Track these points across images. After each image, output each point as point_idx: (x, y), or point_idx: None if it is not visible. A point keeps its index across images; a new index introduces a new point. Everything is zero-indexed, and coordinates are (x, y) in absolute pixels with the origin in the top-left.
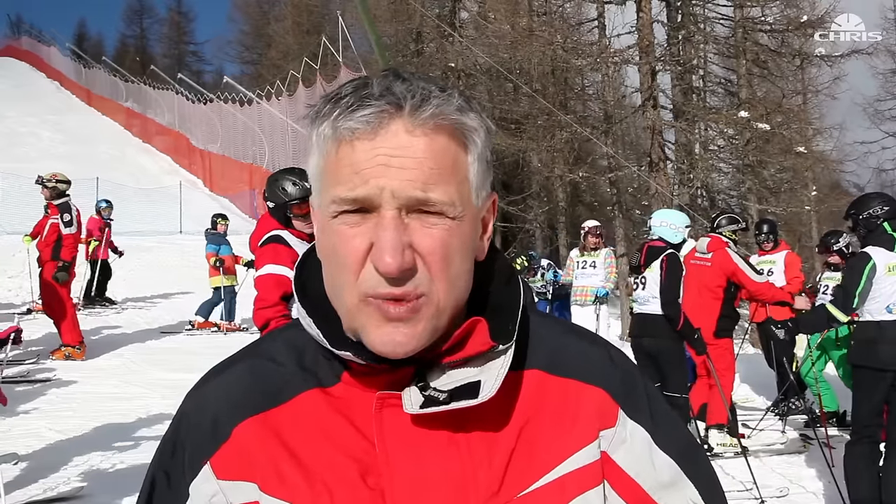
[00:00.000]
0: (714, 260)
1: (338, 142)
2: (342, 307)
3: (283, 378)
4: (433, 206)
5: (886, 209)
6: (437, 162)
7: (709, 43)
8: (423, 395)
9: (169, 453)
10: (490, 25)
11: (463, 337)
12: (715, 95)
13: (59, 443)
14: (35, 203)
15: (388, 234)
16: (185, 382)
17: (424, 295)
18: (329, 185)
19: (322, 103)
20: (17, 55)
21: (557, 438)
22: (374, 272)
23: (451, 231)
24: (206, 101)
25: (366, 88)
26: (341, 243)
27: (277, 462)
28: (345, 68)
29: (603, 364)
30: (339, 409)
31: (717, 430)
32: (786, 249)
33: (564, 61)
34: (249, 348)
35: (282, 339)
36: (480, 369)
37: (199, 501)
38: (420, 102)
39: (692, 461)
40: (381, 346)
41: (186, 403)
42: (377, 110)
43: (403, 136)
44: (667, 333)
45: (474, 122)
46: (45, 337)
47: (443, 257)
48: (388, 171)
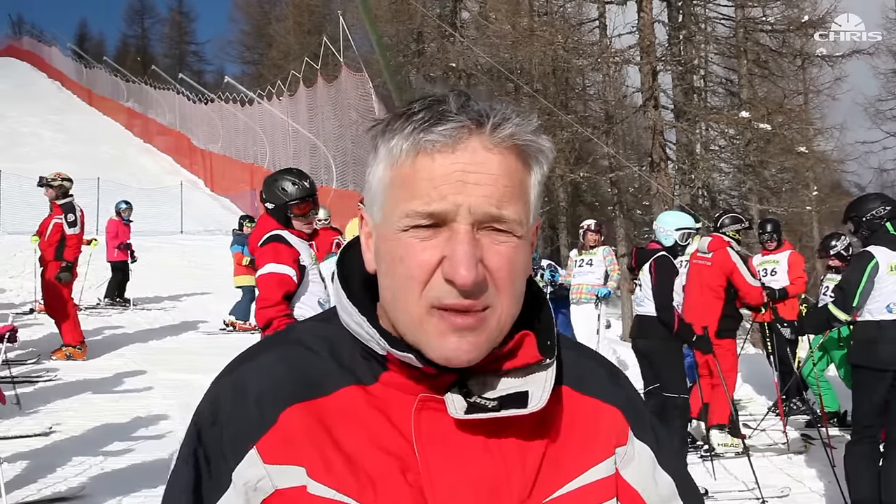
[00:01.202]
0: (714, 259)
1: (416, 154)
2: (403, 315)
3: (322, 370)
4: (504, 223)
5: (888, 209)
6: (510, 180)
7: (710, 43)
8: (468, 401)
9: (206, 439)
10: (491, 25)
11: (514, 348)
12: (716, 95)
13: (59, 443)
14: (36, 203)
15: (463, 247)
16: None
17: (489, 307)
18: (401, 198)
19: (392, 118)
20: (18, 55)
21: (581, 451)
22: (442, 283)
23: (516, 249)
24: (207, 101)
25: (442, 104)
26: (410, 256)
27: (323, 450)
28: (346, 68)
29: (613, 383)
30: (378, 407)
31: (719, 430)
32: (789, 249)
33: (565, 61)
34: (279, 337)
35: (312, 332)
36: (524, 380)
37: (244, 487)
38: (501, 121)
39: (686, 481)
40: (446, 354)
41: (219, 389)
42: (458, 125)
43: (481, 152)
44: (659, 334)
45: (545, 146)
46: (46, 337)
47: (509, 273)
48: (466, 187)
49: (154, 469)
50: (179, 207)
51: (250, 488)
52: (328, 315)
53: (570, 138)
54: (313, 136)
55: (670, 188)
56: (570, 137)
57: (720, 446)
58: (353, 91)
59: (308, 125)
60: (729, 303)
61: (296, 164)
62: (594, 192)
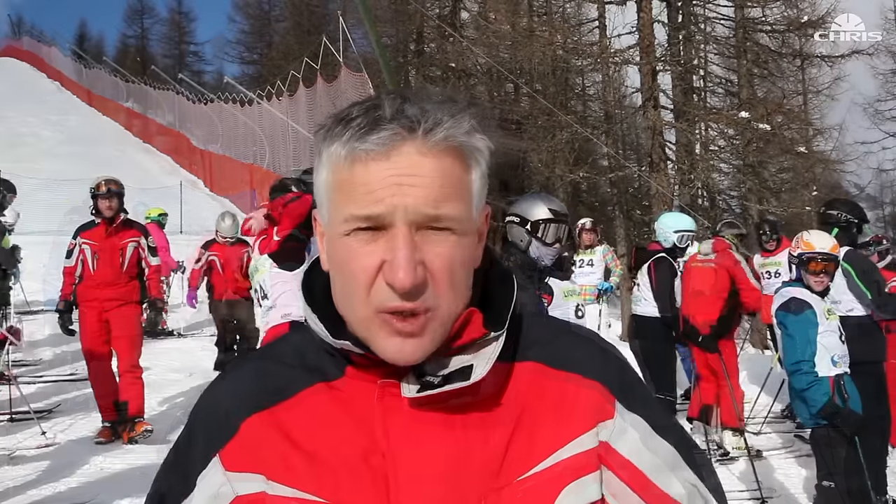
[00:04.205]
0: (718, 260)
1: (352, 162)
2: (351, 316)
3: (288, 376)
4: (443, 222)
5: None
6: (446, 181)
7: (709, 43)
8: (420, 381)
9: (184, 447)
10: (490, 26)
11: (460, 328)
12: (715, 96)
13: (59, 443)
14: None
15: (402, 251)
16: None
17: (431, 310)
18: (341, 202)
19: (333, 122)
20: (18, 55)
21: (556, 427)
22: (384, 287)
23: (457, 246)
24: (206, 101)
25: (377, 110)
26: (353, 260)
27: (283, 453)
28: (345, 68)
29: (598, 358)
30: (342, 399)
31: (733, 432)
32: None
33: (565, 61)
34: (261, 350)
35: (291, 342)
36: (474, 356)
37: (207, 492)
38: (433, 126)
39: (688, 447)
40: (391, 356)
41: (201, 400)
42: (391, 133)
43: (415, 157)
44: (653, 334)
45: (480, 144)
46: (49, 338)
47: (450, 273)
48: (402, 189)
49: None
50: (179, 207)
51: (213, 493)
52: (305, 325)
53: (570, 138)
54: (313, 136)
55: (670, 188)
56: (570, 137)
57: (734, 450)
58: (352, 91)
59: (308, 125)
60: (728, 304)
61: (295, 164)
62: (594, 192)
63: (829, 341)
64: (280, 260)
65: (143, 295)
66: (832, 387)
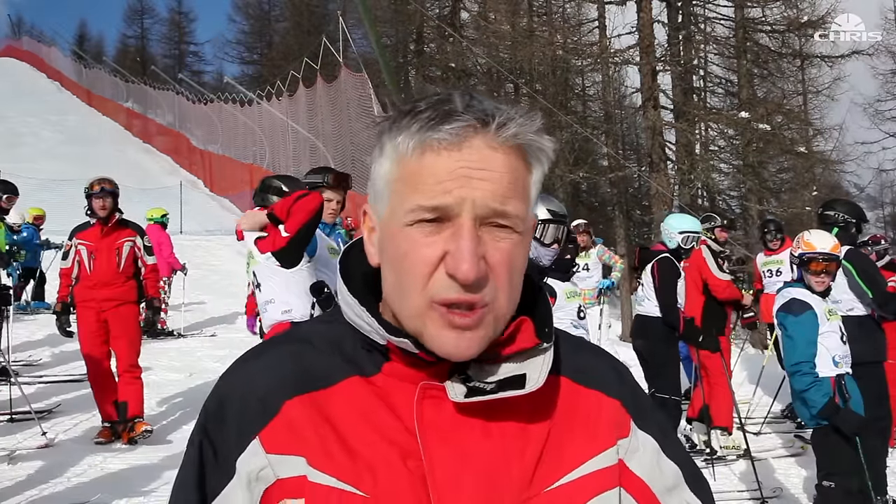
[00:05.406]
0: (691, 259)
1: (422, 152)
2: (406, 309)
3: (326, 364)
4: (507, 218)
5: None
6: (513, 178)
7: (709, 43)
8: (467, 386)
9: (213, 432)
10: (490, 26)
11: (511, 334)
12: (715, 96)
13: (59, 443)
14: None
15: (466, 243)
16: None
17: (488, 305)
18: (407, 193)
19: (398, 115)
20: (17, 55)
21: (582, 441)
22: (444, 278)
23: (516, 245)
24: (206, 101)
25: (449, 103)
26: (414, 250)
27: (324, 439)
28: (345, 68)
29: (615, 377)
30: (380, 396)
31: (722, 432)
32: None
33: (565, 61)
34: (286, 335)
35: (315, 331)
36: (522, 365)
37: (247, 476)
38: (505, 121)
39: (690, 467)
40: (446, 349)
41: (227, 383)
42: (465, 124)
43: (486, 150)
44: (657, 334)
45: (547, 145)
46: (47, 338)
47: (509, 270)
48: (471, 182)
49: (154, 470)
50: (179, 208)
51: (253, 478)
52: (330, 317)
53: (570, 138)
54: (313, 136)
55: (670, 188)
56: (570, 138)
57: (722, 449)
58: (352, 91)
59: (307, 125)
60: (710, 302)
61: (295, 164)
62: (594, 192)
63: (830, 342)
64: (285, 259)
65: (141, 294)
66: (833, 387)
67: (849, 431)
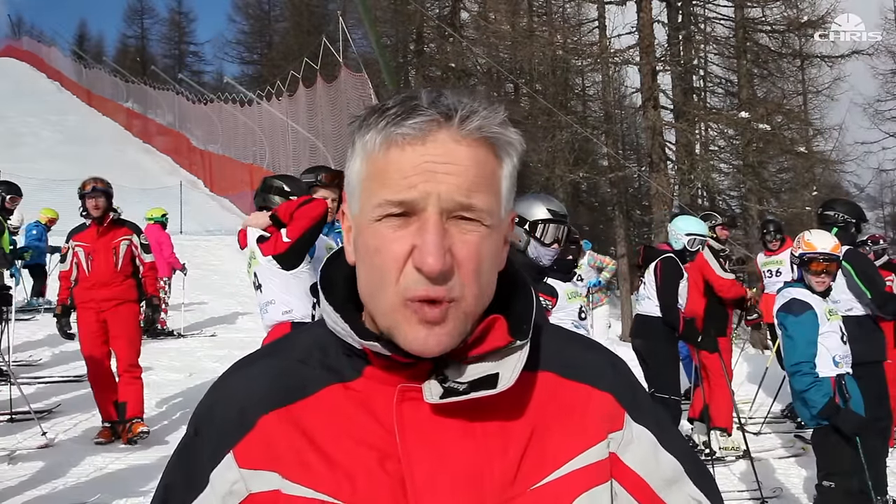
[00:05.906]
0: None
1: (387, 147)
2: (379, 306)
3: (306, 374)
4: (473, 212)
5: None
6: (479, 171)
7: (709, 43)
8: (443, 386)
9: (192, 443)
10: (490, 26)
11: (482, 333)
12: (715, 96)
13: (59, 443)
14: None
15: (431, 236)
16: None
17: (455, 300)
18: (374, 188)
19: (368, 113)
20: (17, 55)
21: (569, 437)
22: (413, 272)
23: (484, 239)
24: (206, 101)
25: (414, 100)
26: (383, 245)
27: (300, 452)
28: (345, 68)
29: (608, 369)
30: (359, 401)
31: (721, 433)
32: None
33: (565, 61)
34: (274, 346)
35: (305, 338)
36: (497, 363)
37: (220, 489)
38: (468, 114)
39: (692, 461)
40: (415, 346)
41: (211, 395)
42: (427, 119)
43: (450, 144)
44: (656, 334)
45: (513, 138)
46: (47, 338)
47: (476, 264)
48: (435, 176)
49: (154, 470)
50: (179, 208)
51: (226, 491)
52: (322, 323)
53: (570, 138)
54: (313, 136)
55: (670, 188)
56: (570, 138)
57: (721, 450)
58: (352, 91)
59: (307, 125)
60: (711, 303)
61: (295, 164)
62: (594, 192)
63: (830, 342)
64: (285, 263)
65: (141, 293)
66: (833, 387)
67: (849, 431)
